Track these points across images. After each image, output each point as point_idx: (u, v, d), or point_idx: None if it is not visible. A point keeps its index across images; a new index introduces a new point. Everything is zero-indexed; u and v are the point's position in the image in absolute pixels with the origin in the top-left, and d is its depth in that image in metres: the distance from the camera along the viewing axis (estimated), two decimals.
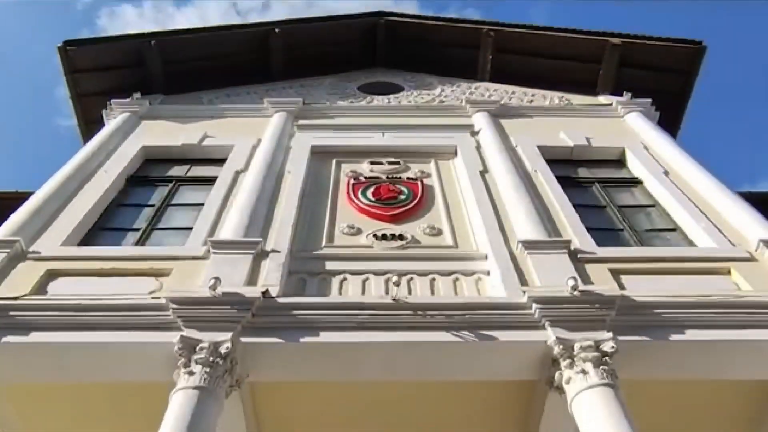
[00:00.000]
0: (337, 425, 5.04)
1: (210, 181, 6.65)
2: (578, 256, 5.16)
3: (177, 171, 7.17)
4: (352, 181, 6.57)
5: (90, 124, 8.71)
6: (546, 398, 4.44)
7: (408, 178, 6.66)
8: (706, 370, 4.50)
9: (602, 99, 8.87)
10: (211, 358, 3.99)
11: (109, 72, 8.95)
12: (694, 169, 6.64)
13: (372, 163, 6.96)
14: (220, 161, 7.00)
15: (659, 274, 5.02)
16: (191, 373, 3.92)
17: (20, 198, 6.20)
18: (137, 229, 5.98)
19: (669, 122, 8.71)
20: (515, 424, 4.98)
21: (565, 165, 7.19)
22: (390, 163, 6.96)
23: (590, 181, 6.97)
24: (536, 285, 4.73)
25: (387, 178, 6.67)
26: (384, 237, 5.58)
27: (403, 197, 6.25)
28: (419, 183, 6.54)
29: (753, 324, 4.41)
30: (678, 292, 4.61)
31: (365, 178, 6.66)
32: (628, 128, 7.96)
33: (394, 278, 4.63)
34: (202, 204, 6.15)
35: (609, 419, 3.63)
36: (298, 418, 5.01)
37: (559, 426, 4.48)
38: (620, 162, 7.39)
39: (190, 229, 5.71)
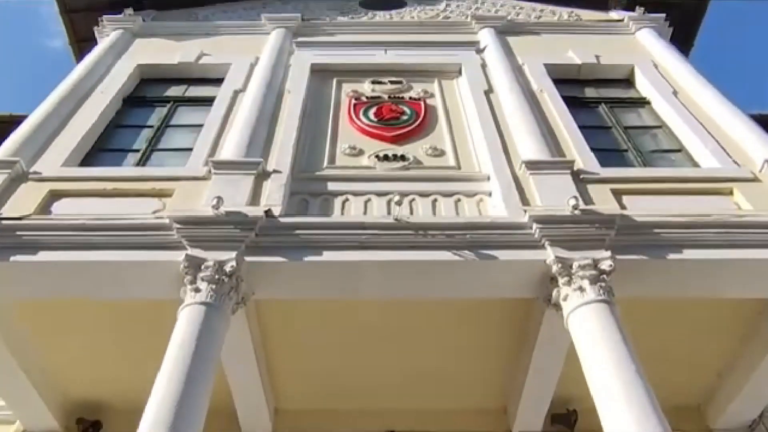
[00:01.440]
0: (340, 341, 5.22)
1: (208, 101, 6.52)
2: (581, 176, 5.13)
3: (174, 91, 7.01)
4: (353, 100, 6.43)
5: (81, 43, 8.42)
6: (543, 315, 4.56)
7: (410, 98, 6.51)
8: (703, 288, 4.57)
9: (613, 14, 8.50)
10: (217, 276, 4.07)
11: None
12: (703, 89, 6.46)
13: (374, 82, 6.77)
14: (218, 81, 6.83)
15: (661, 194, 5.01)
16: (197, 290, 4.01)
17: (14, 121, 6.11)
18: (137, 150, 5.93)
19: (682, 39, 8.39)
20: (513, 340, 5.15)
21: (572, 85, 7.00)
22: (392, 82, 6.78)
23: (597, 102, 6.82)
24: (537, 205, 4.73)
25: (389, 97, 6.52)
26: (386, 158, 5.52)
27: (405, 117, 6.14)
28: (422, 103, 6.40)
29: (751, 243, 4.44)
30: (679, 212, 4.61)
31: (367, 97, 6.51)
32: (639, 45, 7.69)
33: (396, 198, 4.64)
34: (201, 125, 6.06)
35: (603, 333, 3.73)
36: (302, 335, 5.19)
37: (556, 341, 4.63)
38: (628, 81, 7.19)
39: (190, 149, 5.67)
